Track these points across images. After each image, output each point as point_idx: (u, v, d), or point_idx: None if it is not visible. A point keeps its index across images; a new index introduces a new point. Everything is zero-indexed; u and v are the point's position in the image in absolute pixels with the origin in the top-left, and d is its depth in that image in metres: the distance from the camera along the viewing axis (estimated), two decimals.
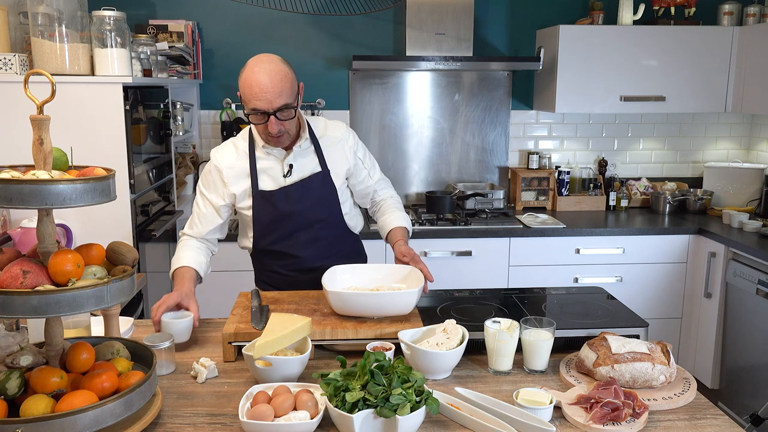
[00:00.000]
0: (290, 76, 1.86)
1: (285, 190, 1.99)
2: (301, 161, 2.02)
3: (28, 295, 1.16)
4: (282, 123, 1.87)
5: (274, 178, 2.00)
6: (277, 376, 1.46)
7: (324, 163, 2.04)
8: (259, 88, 1.81)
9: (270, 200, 2.00)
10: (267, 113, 1.84)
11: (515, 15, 3.83)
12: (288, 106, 1.85)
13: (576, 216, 3.68)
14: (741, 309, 3.19)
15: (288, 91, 1.84)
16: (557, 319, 1.68)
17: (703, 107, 3.67)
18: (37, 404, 1.19)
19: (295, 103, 1.87)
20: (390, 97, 3.82)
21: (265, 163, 2.00)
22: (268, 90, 1.81)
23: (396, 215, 2.14)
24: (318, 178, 2.02)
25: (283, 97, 1.83)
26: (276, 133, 1.87)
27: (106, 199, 1.25)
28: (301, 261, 2.07)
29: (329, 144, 2.06)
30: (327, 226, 2.07)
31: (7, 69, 2.35)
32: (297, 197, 2.00)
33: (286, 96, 1.83)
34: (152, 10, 3.59)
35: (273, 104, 1.82)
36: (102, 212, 2.35)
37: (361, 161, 2.12)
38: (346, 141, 2.09)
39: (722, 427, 1.35)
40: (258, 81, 1.81)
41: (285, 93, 1.83)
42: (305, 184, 2.00)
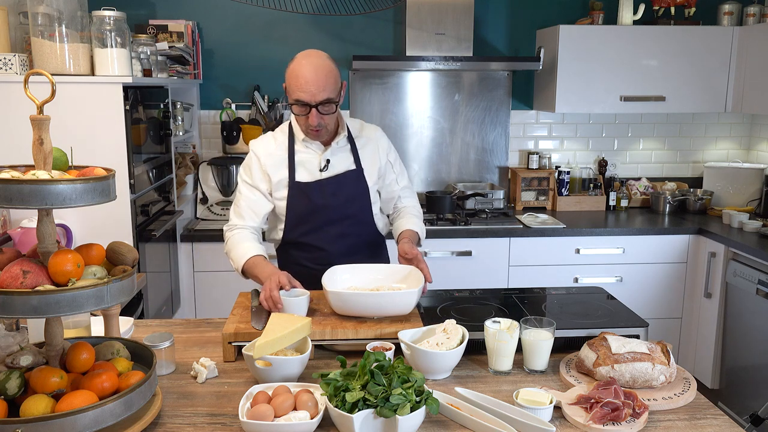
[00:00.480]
0: (335, 73, 1.93)
1: (320, 183, 2.05)
2: (337, 157, 2.08)
3: (28, 295, 1.16)
4: (322, 117, 1.94)
5: (311, 171, 2.06)
6: (277, 376, 1.46)
7: (358, 161, 2.10)
8: (304, 80, 1.88)
9: (305, 192, 2.05)
10: (309, 105, 1.90)
11: (515, 15, 3.83)
12: (330, 101, 1.91)
13: (576, 216, 3.68)
14: (741, 309, 3.19)
15: (332, 86, 1.90)
16: (557, 319, 1.68)
17: (703, 107, 3.67)
18: (37, 404, 1.19)
19: (337, 99, 1.94)
20: (390, 97, 3.82)
21: (303, 155, 2.07)
22: (313, 83, 1.87)
23: (412, 220, 2.18)
24: (352, 175, 2.08)
25: (326, 92, 1.89)
26: (315, 125, 1.94)
27: (106, 199, 1.25)
28: (328, 255, 2.10)
29: (364, 144, 2.13)
30: (356, 222, 2.12)
31: (7, 69, 2.35)
32: (331, 191, 2.05)
33: (329, 91, 1.90)
34: (152, 10, 3.59)
35: (316, 97, 1.89)
36: (102, 212, 2.35)
37: (392, 165, 2.19)
38: (379, 142, 2.16)
39: (722, 427, 1.35)
40: (304, 73, 1.88)
41: (328, 88, 1.90)
42: (339, 180, 2.06)
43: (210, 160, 3.65)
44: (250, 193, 2.09)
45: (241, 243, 2.01)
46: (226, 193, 3.66)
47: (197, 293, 3.33)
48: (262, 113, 3.63)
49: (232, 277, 3.27)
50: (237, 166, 3.65)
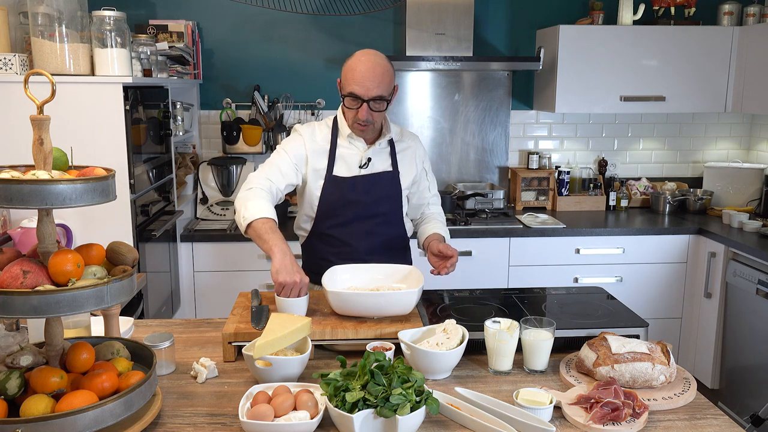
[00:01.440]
0: (391, 73, 1.98)
1: (356, 180, 2.08)
2: (377, 158, 2.12)
3: (28, 295, 1.16)
4: (372, 113, 1.97)
5: (350, 166, 2.09)
6: (277, 376, 1.46)
7: (396, 164, 2.14)
8: (360, 74, 1.93)
9: (340, 186, 2.07)
10: (362, 99, 1.94)
11: (515, 15, 3.83)
12: (382, 98, 1.95)
13: (576, 216, 3.68)
14: (741, 309, 3.19)
15: (386, 84, 1.95)
16: (557, 319, 1.68)
17: (703, 107, 3.67)
18: (37, 404, 1.19)
19: (389, 98, 1.98)
20: None
21: (345, 150, 2.09)
22: (369, 78, 1.92)
23: (438, 225, 2.22)
24: (388, 176, 2.12)
25: (380, 89, 1.93)
26: (364, 120, 1.97)
27: (106, 199, 1.25)
28: (354, 251, 2.11)
29: (403, 149, 2.17)
30: (385, 222, 2.14)
31: (7, 69, 2.35)
32: (365, 188, 2.08)
33: (383, 89, 1.94)
34: (152, 10, 3.59)
35: (370, 92, 1.93)
36: (102, 212, 2.35)
37: (426, 172, 2.24)
38: (417, 150, 2.20)
39: (722, 427, 1.35)
40: (361, 68, 1.93)
41: (383, 86, 1.94)
42: (375, 179, 2.10)
43: (210, 160, 3.65)
44: (282, 160, 2.04)
45: (253, 199, 1.91)
46: (226, 193, 3.66)
47: (197, 293, 3.33)
48: (262, 113, 3.63)
49: (232, 277, 3.29)
50: (237, 166, 3.66)
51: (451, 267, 1.99)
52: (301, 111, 3.75)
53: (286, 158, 2.06)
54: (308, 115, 3.75)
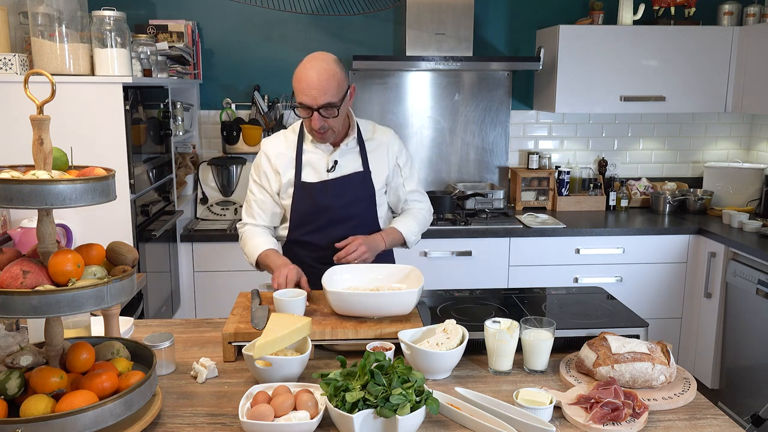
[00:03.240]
0: (339, 76, 1.94)
1: (325, 184, 2.07)
2: (345, 159, 2.10)
3: (28, 295, 1.16)
4: (325, 120, 1.95)
5: (318, 171, 2.08)
6: (277, 376, 1.46)
7: (367, 164, 2.11)
8: (306, 84, 1.91)
9: (310, 192, 2.07)
10: (311, 108, 1.92)
11: (515, 15, 3.83)
12: (331, 105, 1.92)
13: (576, 216, 3.68)
14: (741, 309, 3.19)
15: (333, 90, 1.91)
16: (557, 319, 1.68)
17: (703, 107, 3.67)
18: (37, 404, 1.19)
19: (339, 103, 1.94)
20: (390, 97, 3.82)
21: (311, 156, 2.09)
22: (314, 87, 1.89)
23: (402, 220, 2.17)
24: (358, 177, 2.10)
25: (327, 96, 1.90)
26: (318, 128, 1.95)
27: (106, 199, 1.25)
28: (332, 254, 2.09)
29: (374, 147, 2.14)
30: (360, 224, 2.12)
31: (7, 69, 2.35)
32: (335, 192, 2.07)
33: (331, 95, 1.91)
34: (152, 10, 3.59)
35: (317, 101, 1.90)
36: (102, 212, 2.35)
37: (400, 168, 2.18)
38: (390, 146, 2.16)
39: (722, 427, 1.35)
40: (306, 77, 1.91)
41: (330, 92, 1.90)
42: (345, 181, 2.08)
43: (210, 160, 3.65)
44: (259, 192, 2.13)
45: (253, 238, 2.08)
46: (226, 193, 3.66)
47: (197, 293, 3.33)
48: (262, 113, 3.63)
49: (232, 277, 3.29)
50: (237, 166, 3.66)
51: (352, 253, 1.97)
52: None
53: (258, 192, 2.12)
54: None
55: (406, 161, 2.21)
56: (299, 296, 1.73)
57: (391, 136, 2.19)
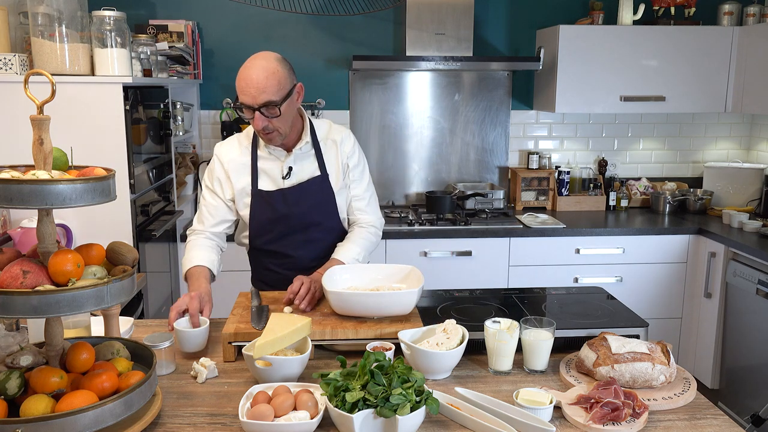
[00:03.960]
0: (280, 74, 1.85)
1: (282, 192, 2.01)
2: (300, 164, 2.04)
3: (28, 295, 1.16)
4: (269, 120, 1.87)
5: (274, 179, 2.03)
6: (277, 376, 1.46)
7: (323, 167, 2.05)
8: (245, 83, 1.83)
9: (267, 200, 2.02)
10: (252, 108, 1.84)
11: (515, 15, 3.83)
12: (271, 103, 1.84)
13: (576, 216, 3.68)
14: (741, 309, 3.19)
15: (273, 88, 1.83)
16: (557, 319, 1.68)
17: (703, 107, 3.67)
18: (37, 404, 1.19)
19: (280, 102, 1.85)
20: (390, 97, 3.82)
21: (266, 163, 2.03)
22: (253, 85, 1.82)
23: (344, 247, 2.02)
24: (316, 182, 2.03)
25: (266, 94, 1.82)
26: (261, 128, 1.88)
27: (106, 199, 1.25)
28: (296, 261, 2.09)
29: (328, 147, 2.07)
30: (323, 229, 2.08)
31: (7, 69, 2.35)
32: (294, 200, 2.01)
33: (271, 93, 1.83)
34: (152, 10, 3.59)
35: (257, 100, 1.83)
36: (102, 212, 2.35)
37: (350, 169, 2.09)
38: (341, 144, 2.08)
39: (722, 427, 1.35)
40: (246, 76, 1.83)
41: (270, 90, 1.82)
42: (303, 188, 2.02)
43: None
44: (210, 198, 2.06)
45: (190, 251, 2.00)
46: None
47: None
48: None
49: (232, 277, 3.28)
50: None
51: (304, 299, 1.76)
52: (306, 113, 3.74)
53: (210, 197, 2.06)
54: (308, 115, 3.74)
55: (357, 164, 2.11)
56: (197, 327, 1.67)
57: (344, 135, 2.10)
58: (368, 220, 2.14)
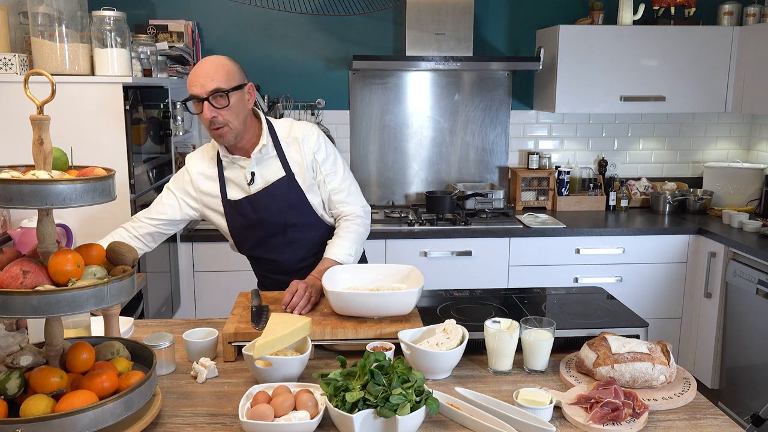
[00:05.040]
0: (229, 66, 1.88)
1: (249, 199, 2.00)
2: (263, 167, 2.01)
3: (28, 295, 1.16)
4: (218, 112, 1.85)
5: (241, 186, 2.02)
6: (277, 376, 1.46)
7: (288, 167, 2.01)
8: (194, 74, 1.86)
9: (238, 209, 2.02)
10: (200, 98, 1.85)
11: (515, 15, 3.83)
12: (220, 91, 1.84)
13: (576, 216, 3.68)
14: (741, 309, 3.19)
15: (222, 77, 1.85)
16: (557, 319, 1.68)
17: (703, 107, 3.67)
18: (37, 404, 1.19)
19: (228, 90, 1.85)
20: (390, 97, 3.82)
21: (230, 172, 2.02)
22: (201, 75, 1.85)
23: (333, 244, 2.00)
24: (283, 183, 2.01)
25: (215, 82, 1.84)
26: (209, 119, 1.86)
27: (106, 199, 1.25)
28: (282, 265, 2.09)
29: (290, 146, 2.03)
30: (300, 229, 2.06)
31: (7, 69, 2.35)
32: (263, 205, 2.00)
33: (219, 81, 1.84)
34: (152, 10, 3.59)
35: (205, 88, 1.84)
36: (102, 212, 2.35)
37: (319, 164, 2.04)
38: (306, 140, 2.03)
39: (722, 427, 1.35)
40: (196, 69, 1.87)
41: (218, 78, 1.84)
42: (270, 191, 2.00)
43: None
44: (165, 196, 2.06)
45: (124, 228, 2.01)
46: None
47: (197, 293, 3.33)
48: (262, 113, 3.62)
49: (232, 277, 3.29)
50: None
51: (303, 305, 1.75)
52: (301, 111, 3.75)
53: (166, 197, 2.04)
54: (308, 115, 3.75)
55: (326, 157, 2.05)
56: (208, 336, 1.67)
57: (307, 131, 2.04)
58: (352, 210, 2.08)
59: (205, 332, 1.69)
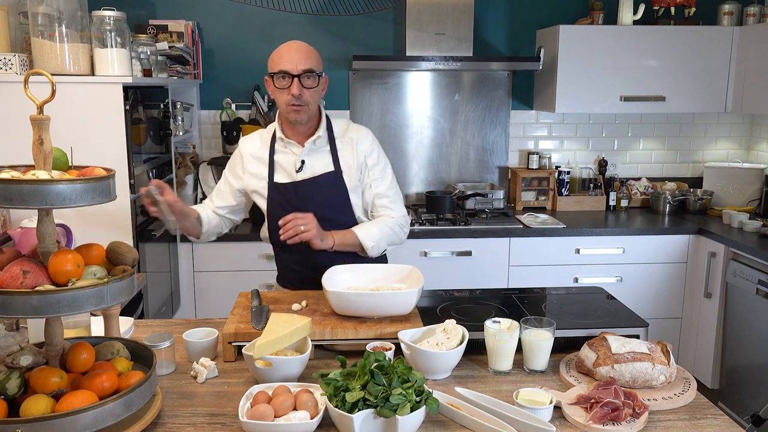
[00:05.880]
0: (317, 54, 2.01)
1: (295, 185, 2.05)
2: (314, 158, 2.06)
3: (28, 295, 1.16)
4: (304, 91, 1.94)
5: (288, 172, 2.07)
6: (277, 376, 1.46)
7: (338, 163, 2.06)
8: (286, 50, 1.95)
9: (282, 193, 2.06)
10: (291, 75, 1.92)
11: (515, 15, 3.83)
12: (312, 72, 1.94)
13: (576, 216, 3.68)
14: (741, 309, 3.19)
15: (314, 60, 1.96)
16: (557, 319, 1.68)
17: (703, 107, 3.67)
18: (37, 404, 1.19)
19: (319, 72, 1.97)
20: (390, 97, 3.82)
21: (281, 156, 2.08)
22: (294, 53, 1.94)
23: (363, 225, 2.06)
24: (329, 177, 2.05)
25: (308, 63, 1.94)
26: (297, 94, 1.93)
27: (106, 199, 1.25)
28: (312, 258, 2.07)
29: (345, 145, 2.09)
30: (335, 225, 2.04)
31: (7, 69, 2.35)
32: (306, 193, 2.04)
33: (312, 63, 1.95)
34: (152, 10, 3.59)
35: (298, 66, 1.93)
36: (102, 212, 2.35)
37: (369, 167, 2.10)
38: (360, 143, 2.10)
39: (722, 427, 1.35)
40: (288, 46, 1.97)
41: (311, 60, 1.95)
42: (316, 182, 2.05)
43: (210, 160, 3.64)
44: (222, 183, 2.17)
45: None
46: None
47: (197, 293, 3.33)
48: (262, 113, 3.63)
49: (232, 277, 3.29)
50: None
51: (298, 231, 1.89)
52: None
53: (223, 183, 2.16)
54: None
55: (377, 162, 2.11)
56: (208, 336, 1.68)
57: (363, 134, 2.11)
58: (394, 214, 2.14)
59: (205, 332, 1.69)
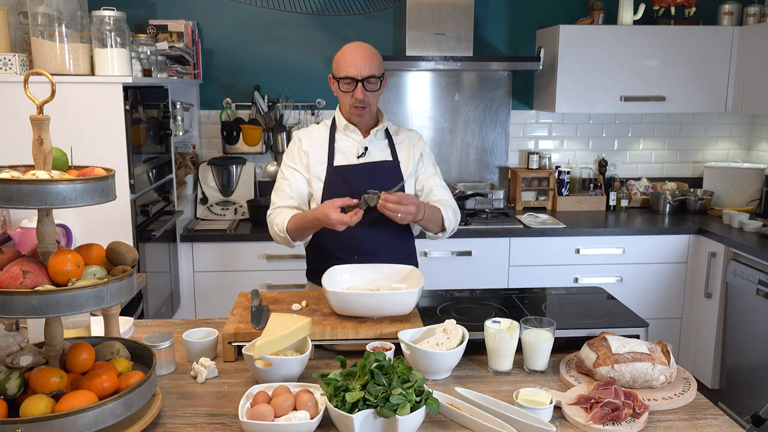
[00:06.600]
0: (379, 57, 2.10)
1: (357, 168, 2.12)
2: (375, 147, 2.17)
3: (28, 295, 1.16)
4: (367, 94, 2.05)
5: (349, 157, 2.14)
6: (277, 376, 1.46)
7: (395, 154, 2.18)
8: (352, 57, 2.04)
9: (342, 175, 2.11)
10: (356, 80, 2.03)
11: (515, 15, 3.83)
12: (374, 77, 2.05)
13: (576, 216, 3.68)
14: (741, 309, 3.19)
15: (377, 65, 2.06)
16: (557, 319, 1.68)
17: (703, 107, 3.67)
18: (37, 404, 1.19)
19: (380, 76, 2.07)
20: (390, 97, 3.82)
21: (342, 143, 2.16)
22: (360, 59, 2.03)
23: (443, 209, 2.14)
24: (388, 165, 2.16)
25: (372, 69, 2.04)
26: (361, 98, 2.04)
27: (106, 199, 1.25)
28: (360, 244, 2.09)
29: (400, 141, 2.22)
30: None
31: (7, 69, 2.35)
32: (367, 177, 2.11)
33: (375, 68, 2.05)
34: (152, 10, 3.59)
35: (362, 72, 2.03)
36: (102, 212, 2.35)
37: (423, 158, 2.23)
38: (413, 138, 2.24)
39: (722, 427, 1.35)
40: (352, 51, 2.05)
41: (374, 65, 2.05)
42: (376, 167, 2.13)
43: (210, 160, 3.65)
44: (290, 174, 2.17)
45: (279, 215, 2.11)
46: (225, 193, 3.66)
47: (197, 293, 3.33)
48: (261, 113, 3.63)
49: (232, 277, 3.29)
50: (237, 166, 3.66)
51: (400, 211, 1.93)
52: (301, 111, 3.75)
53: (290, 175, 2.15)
54: (308, 115, 3.75)
55: (429, 157, 2.26)
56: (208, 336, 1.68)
57: (416, 134, 2.28)
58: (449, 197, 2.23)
59: (205, 332, 1.69)
